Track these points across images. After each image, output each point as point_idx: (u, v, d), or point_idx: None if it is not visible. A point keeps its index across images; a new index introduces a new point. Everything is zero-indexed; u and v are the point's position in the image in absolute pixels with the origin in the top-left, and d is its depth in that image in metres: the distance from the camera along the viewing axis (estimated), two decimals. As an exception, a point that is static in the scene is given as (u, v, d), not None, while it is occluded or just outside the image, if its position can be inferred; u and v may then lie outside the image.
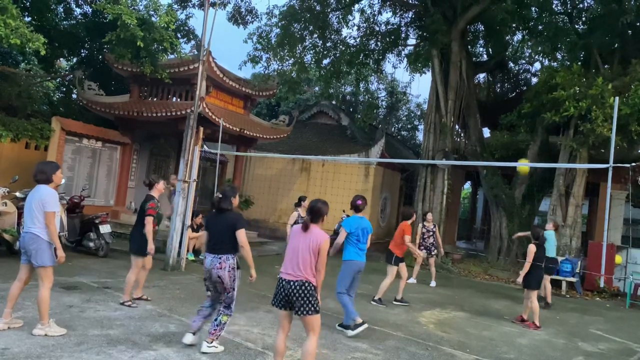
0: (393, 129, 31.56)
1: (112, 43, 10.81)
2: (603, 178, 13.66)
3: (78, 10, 15.30)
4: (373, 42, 20.32)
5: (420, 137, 24.16)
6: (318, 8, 18.50)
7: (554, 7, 16.87)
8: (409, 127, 33.41)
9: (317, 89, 26.92)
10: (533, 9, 16.87)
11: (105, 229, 10.21)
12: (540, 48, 17.11)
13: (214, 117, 12.34)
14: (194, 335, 5.15)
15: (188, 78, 12.88)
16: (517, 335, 7.59)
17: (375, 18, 20.01)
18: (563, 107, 13.03)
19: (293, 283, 4.36)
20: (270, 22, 18.52)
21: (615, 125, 8.26)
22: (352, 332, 6.39)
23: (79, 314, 5.97)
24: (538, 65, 20.93)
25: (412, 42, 20.62)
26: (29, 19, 13.13)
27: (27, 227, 5.09)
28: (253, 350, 5.38)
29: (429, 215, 12.21)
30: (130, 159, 14.56)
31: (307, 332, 4.46)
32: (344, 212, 15.39)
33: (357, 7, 19.72)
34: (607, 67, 14.69)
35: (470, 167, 17.52)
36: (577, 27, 16.94)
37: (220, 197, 5.22)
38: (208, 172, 16.62)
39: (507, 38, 19.46)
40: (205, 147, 11.17)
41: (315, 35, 19.18)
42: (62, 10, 14.89)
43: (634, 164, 7.28)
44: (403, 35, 20.29)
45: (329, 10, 18.98)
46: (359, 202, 6.90)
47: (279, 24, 18.20)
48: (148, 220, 6.65)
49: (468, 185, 27.04)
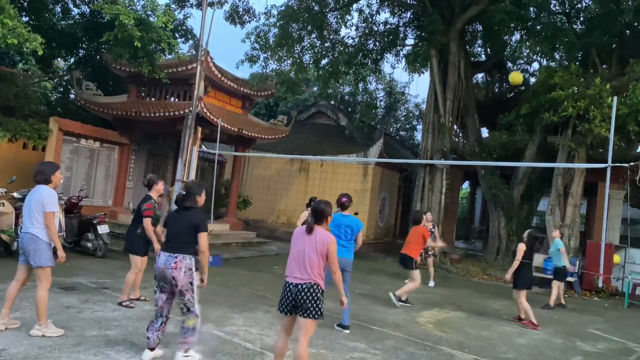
0: (391, 129, 31.57)
1: (109, 43, 10.82)
2: (601, 178, 13.67)
3: (76, 10, 15.31)
4: (371, 42, 20.33)
5: (419, 137, 24.16)
6: (316, 8, 18.50)
7: (552, 7, 16.90)
8: (408, 127, 33.46)
9: (315, 89, 26.93)
10: (531, 9, 16.88)
11: (103, 230, 10.19)
12: (539, 48, 17.15)
13: (212, 117, 12.34)
14: (152, 352, 4.69)
15: (186, 78, 12.87)
16: (515, 335, 7.59)
17: (374, 18, 20.04)
18: (561, 107, 13.05)
19: (301, 286, 4.24)
20: (269, 21, 18.54)
21: (614, 125, 8.28)
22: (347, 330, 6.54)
23: (77, 315, 5.95)
24: (536, 65, 20.99)
25: (410, 42, 20.66)
26: (27, 19, 13.11)
27: (25, 227, 5.07)
28: (251, 351, 5.37)
29: (428, 215, 12.27)
30: (129, 159, 14.54)
31: (300, 333, 4.28)
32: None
33: (355, 7, 19.74)
34: (605, 67, 14.72)
35: (469, 167, 17.53)
36: (575, 27, 16.96)
37: (184, 194, 4.85)
38: (206, 172, 16.61)
39: (505, 38, 19.47)
40: (204, 147, 11.18)
41: (314, 35, 19.19)
42: (59, 10, 14.88)
43: (632, 164, 7.28)
44: (401, 36, 20.30)
45: (327, 10, 18.98)
46: (344, 199, 6.88)
47: (277, 24, 18.19)
48: (146, 222, 6.59)
49: (466, 185, 27.06)
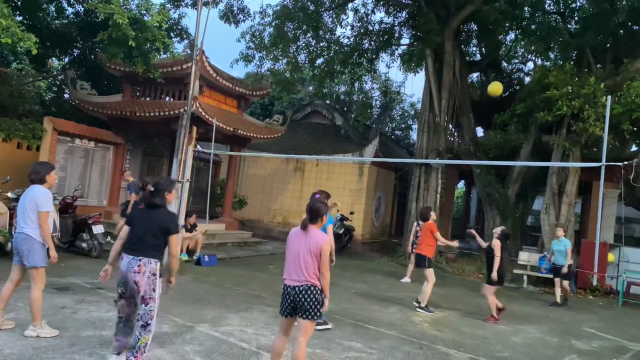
0: (387, 129, 31.60)
1: (104, 42, 10.77)
2: (595, 177, 13.74)
3: (70, 10, 15.22)
4: (367, 41, 20.33)
5: (414, 136, 24.20)
6: (312, 7, 18.48)
7: (547, 6, 16.93)
8: (403, 126, 33.49)
9: (311, 89, 26.90)
10: (526, 9, 16.91)
11: (98, 230, 10.16)
12: (533, 47, 17.18)
13: (208, 116, 12.31)
14: (119, 356, 4.43)
15: (181, 77, 12.84)
16: (510, 334, 7.61)
17: (369, 17, 20.02)
18: (556, 106, 13.08)
19: (298, 288, 4.20)
20: (264, 21, 18.50)
21: (608, 124, 8.31)
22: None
23: (72, 315, 5.93)
24: (531, 65, 21.03)
25: (405, 41, 20.67)
26: (20, 18, 13.04)
27: (19, 227, 5.05)
28: (247, 351, 5.36)
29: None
30: (123, 159, 14.49)
31: (299, 334, 4.25)
32: (338, 211, 15.43)
33: (350, 6, 19.73)
34: (599, 66, 14.76)
35: (464, 166, 17.58)
36: (569, 26, 17.01)
37: (152, 190, 4.39)
38: (202, 172, 16.59)
39: (500, 38, 19.49)
40: (199, 146, 11.16)
41: (309, 35, 19.16)
42: (53, 10, 14.79)
43: (626, 163, 7.32)
44: (396, 35, 20.31)
45: (323, 10, 18.96)
46: (317, 195, 6.15)
47: (272, 23, 18.16)
48: None
49: (462, 185, 27.09)
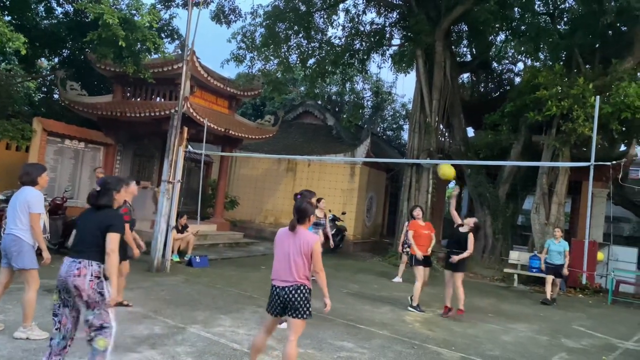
0: (378, 129, 31.65)
1: (94, 43, 10.68)
2: (585, 176, 13.84)
3: (59, 10, 15.08)
4: (358, 42, 20.37)
5: (406, 136, 24.26)
6: (303, 8, 18.48)
7: (537, 7, 17.04)
8: (395, 126, 33.57)
9: (302, 89, 26.91)
10: (516, 10, 17.02)
11: (89, 231, 10.08)
12: (523, 48, 17.27)
13: (199, 117, 12.28)
14: None
15: (172, 78, 12.78)
16: (501, 333, 7.66)
17: (360, 18, 20.06)
18: (546, 106, 13.17)
19: (288, 288, 4.23)
20: (255, 21, 18.49)
21: (596, 124, 8.39)
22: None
23: (62, 317, 5.88)
24: (521, 65, 21.14)
25: (396, 42, 20.72)
26: (9, 18, 12.89)
27: (9, 228, 5.01)
28: (239, 352, 5.36)
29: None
30: (114, 160, 14.40)
31: (290, 333, 4.31)
32: (330, 211, 15.44)
33: (341, 7, 19.76)
34: (588, 67, 14.88)
35: (455, 166, 17.61)
36: (559, 27, 17.14)
37: (99, 190, 4.10)
38: (193, 172, 16.53)
39: (490, 38, 19.61)
40: (190, 147, 11.11)
41: (301, 35, 19.17)
42: (42, 10, 14.66)
43: (614, 162, 7.39)
44: (387, 36, 20.36)
45: (314, 10, 18.98)
46: (299, 195, 5.99)
47: (264, 24, 18.15)
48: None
49: (453, 184, 27.20)
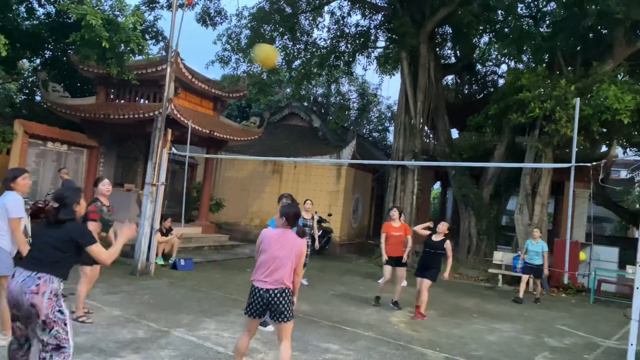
0: (364, 131, 31.73)
1: (76, 44, 10.57)
2: (567, 177, 13.93)
3: (41, 10, 14.86)
4: (343, 44, 20.39)
5: (391, 138, 24.33)
6: (288, 10, 18.46)
7: (519, 10, 17.22)
8: (380, 128, 33.65)
9: (288, 91, 26.89)
10: (499, 12, 17.18)
11: (71, 234, 9.96)
12: (506, 50, 17.42)
13: (183, 118, 12.22)
14: None
15: (156, 79, 12.71)
16: (486, 333, 7.72)
17: (345, 20, 20.07)
18: (528, 108, 13.30)
19: (273, 291, 4.23)
20: (240, 23, 18.40)
21: (578, 126, 8.51)
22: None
23: (43, 322, 5.80)
24: (504, 68, 21.35)
25: (381, 44, 20.77)
26: (-11, 19, 12.73)
27: (-15, 234, 4.92)
28: (224, 355, 5.33)
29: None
30: (97, 163, 14.27)
31: (281, 338, 4.34)
32: (316, 213, 15.42)
33: (327, 9, 19.76)
34: (570, 69, 15.08)
35: (440, 167, 17.76)
36: (541, 30, 17.31)
37: (57, 205, 3.66)
38: (177, 174, 16.43)
39: (474, 40, 19.76)
40: (174, 149, 11.04)
41: (286, 37, 19.13)
42: (24, 10, 14.44)
43: (595, 163, 7.51)
44: (372, 38, 20.41)
45: (299, 12, 18.96)
46: (283, 198, 5.94)
47: (249, 25, 18.09)
48: (91, 227, 5.94)
49: (438, 186, 27.37)
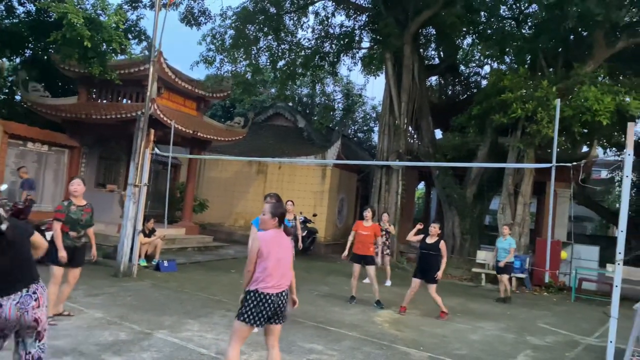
0: (349, 131, 31.80)
1: (57, 43, 10.46)
2: (549, 177, 14.14)
3: (20, 9, 14.70)
4: (328, 44, 20.41)
5: (376, 138, 24.42)
6: (272, 10, 18.43)
7: (502, 12, 17.39)
8: (365, 129, 33.74)
9: (273, 91, 26.83)
10: (482, 14, 17.34)
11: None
12: (489, 52, 17.57)
13: (166, 119, 12.13)
14: None
15: (139, 79, 12.61)
16: (469, 332, 7.78)
17: (330, 21, 20.09)
18: (511, 109, 13.42)
19: (281, 294, 4.12)
20: (225, 23, 18.32)
21: (559, 127, 8.61)
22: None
23: (23, 325, 5.71)
24: (487, 69, 21.55)
25: (366, 45, 20.83)
26: (-33, 17, 12.52)
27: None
28: (207, 356, 5.30)
29: (385, 216, 12.28)
30: (79, 163, 14.10)
31: (274, 340, 4.20)
32: (301, 213, 15.44)
33: (311, 9, 19.77)
34: (551, 70, 15.26)
35: (424, 168, 17.85)
36: (523, 31, 17.50)
37: (8, 225, 3.17)
38: (160, 175, 16.29)
39: (457, 42, 19.92)
40: (157, 149, 10.94)
41: (270, 37, 19.09)
42: (3, 9, 14.27)
43: (575, 163, 7.61)
44: (357, 38, 20.46)
45: (284, 12, 18.94)
46: (269, 197, 5.72)
47: (233, 25, 18.02)
48: (54, 226, 6.00)
49: (422, 186, 27.55)
